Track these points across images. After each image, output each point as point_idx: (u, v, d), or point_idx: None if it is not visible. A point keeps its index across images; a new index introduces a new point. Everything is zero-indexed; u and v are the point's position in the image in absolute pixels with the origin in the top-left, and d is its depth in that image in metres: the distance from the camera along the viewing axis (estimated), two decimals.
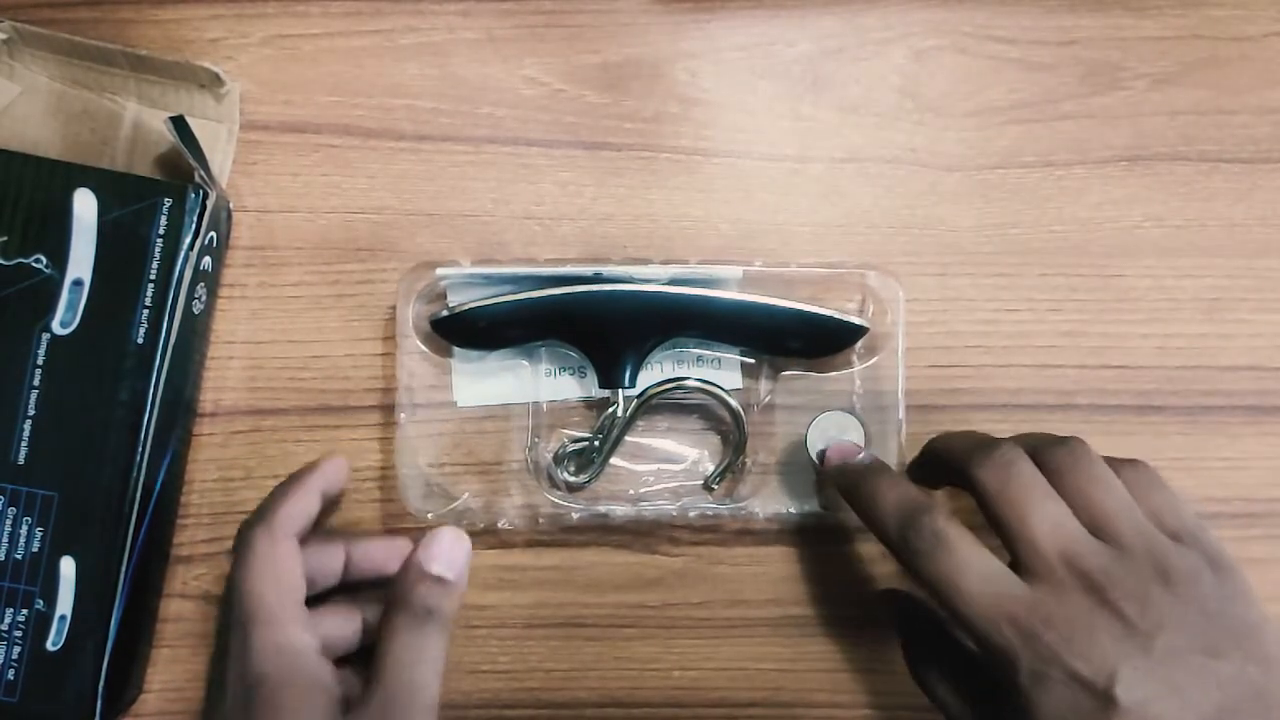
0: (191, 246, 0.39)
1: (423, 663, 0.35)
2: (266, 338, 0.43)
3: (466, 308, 0.41)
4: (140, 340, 0.39)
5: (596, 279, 0.41)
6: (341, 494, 0.42)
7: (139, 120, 0.43)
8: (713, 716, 0.43)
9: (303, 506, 0.38)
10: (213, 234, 0.40)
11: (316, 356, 0.43)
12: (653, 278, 0.41)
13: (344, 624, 0.39)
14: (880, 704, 0.43)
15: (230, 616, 0.36)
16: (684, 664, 0.43)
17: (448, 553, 0.38)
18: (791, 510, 0.42)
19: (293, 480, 0.39)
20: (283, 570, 0.36)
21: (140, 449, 0.39)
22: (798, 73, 0.45)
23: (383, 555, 0.39)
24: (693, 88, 0.45)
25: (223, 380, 0.43)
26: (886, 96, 0.45)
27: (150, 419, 0.39)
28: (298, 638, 0.35)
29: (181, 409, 0.41)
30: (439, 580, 0.37)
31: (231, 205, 0.43)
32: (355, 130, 0.44)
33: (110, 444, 0.39)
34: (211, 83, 0.42)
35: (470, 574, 0.43)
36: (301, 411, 0.43)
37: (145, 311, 0.39)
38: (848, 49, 0.45)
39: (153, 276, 0.39)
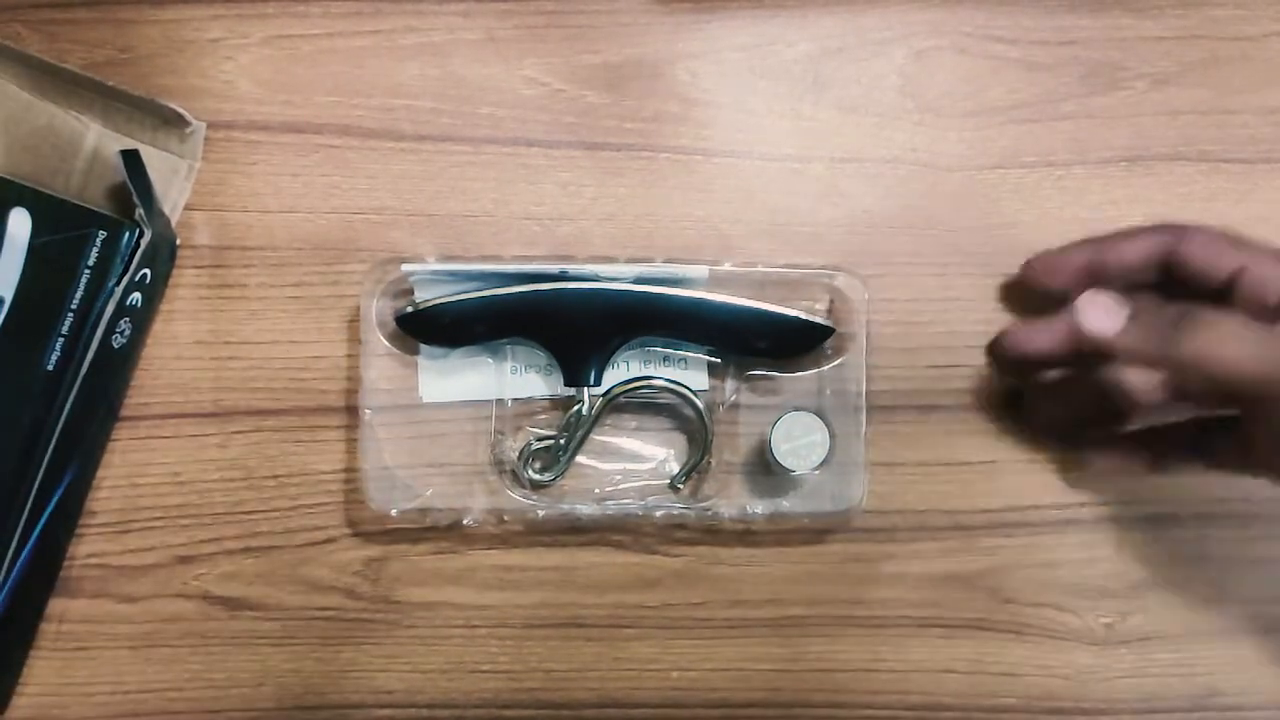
0: (118, 283, 0.39)
1: None
2: (267, 338, 0.43)
3: (431, 304, 0.41)
4: (50, 367, 0.39)
5: (562, 276, 0.41)
6: None
7: (100, 146, 0.43)
8: (711, 717, 0.43)
9: None
10: (146, 271, 0.40)
11: (317, 357, 0.43)
12: (618, 276, 0.41)
13: None
14: (879, 704, 0.43)
15: None
16: (682, 664, 0.43)
17: None
18: (756, 510, 0.42)
19: None
20: None
21: (32, 476, 0.39)
22: (798, 73, 0.45)
23: None
24: (693, 88, 0.45)
25: (222, 380, 0.43)
26: (886, 96, 0.45)
27: (48, 447, 0.39)
28: None
29: (89, 438, 0.41)
30: None
31: (178, 241, 0.43)
32: (355, 130, 0.44)
33: (3, 466, 0.39)
34: (176, 121, 0.42)
35: (470, 574, 0.43)
36: (302, 412, 0.43)
37: (60, 340, 0.39)
38: (848, 49, 0.45)
39: (74, 306, 0.39)
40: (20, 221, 0.39)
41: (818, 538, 0.44)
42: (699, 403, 0.42)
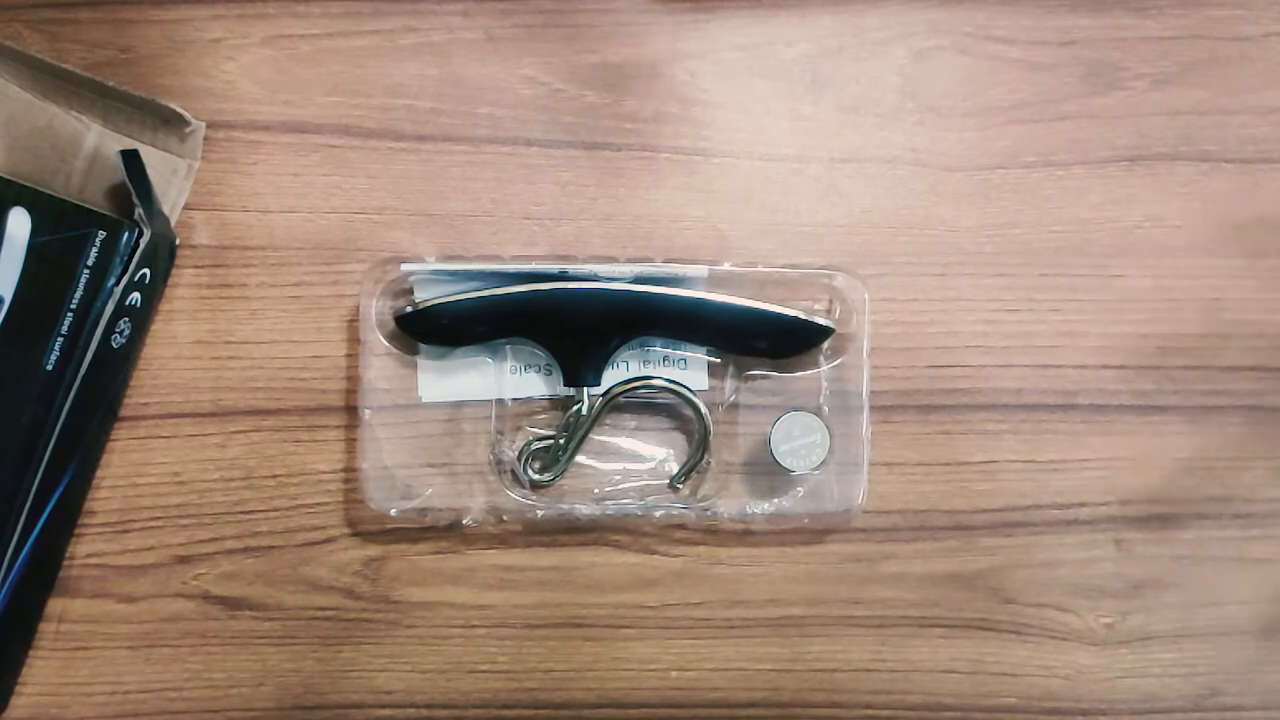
0: (117, 282, 0.39)
1: None
2: (267, 338, 0.43)
3: (430, 304, 0.41)
4: (50, 367, 0.39)
5: (562, 276, 0.41)
6: None
7: (100, 146, 0.42)
8: (711, 717, 0.43)
9: None
10: (145, 270, 0.40)
11: (317, 356, 0.43)
12: (618, 276, 0.41)
13: None
14: (879, 704, 0.43)
15: None
16: (682, 664, 0.43)
17: None
18: (756, 510, 0.42)
19: None
20: None
21: (31, 476, 0.39)
22: (798, 73, 0.45)
23: None
24: (693, 88, 0.45)
25: (222, 380, 0.43)
26: (886, 96, 0.45)
27: (48, 447, 0.39)
28: None
29: (88, 438, 0.41)
30: None
31: (178, 241, 0.43)
32: (355, 130, 0.44)
33: (3, 466, 0.39)
34: (176, 121, 0.42)
35: (469, 574, 0.43)
36: (302, 412, 0.43)
37: (60, 340, 0.39)
38: (848, 49, 0.45)
39: (73, 306, 0.39)
40: (20, 221, 0.39)
41: (818, 538, 0.44)
42: (699, 402, 0.42)
